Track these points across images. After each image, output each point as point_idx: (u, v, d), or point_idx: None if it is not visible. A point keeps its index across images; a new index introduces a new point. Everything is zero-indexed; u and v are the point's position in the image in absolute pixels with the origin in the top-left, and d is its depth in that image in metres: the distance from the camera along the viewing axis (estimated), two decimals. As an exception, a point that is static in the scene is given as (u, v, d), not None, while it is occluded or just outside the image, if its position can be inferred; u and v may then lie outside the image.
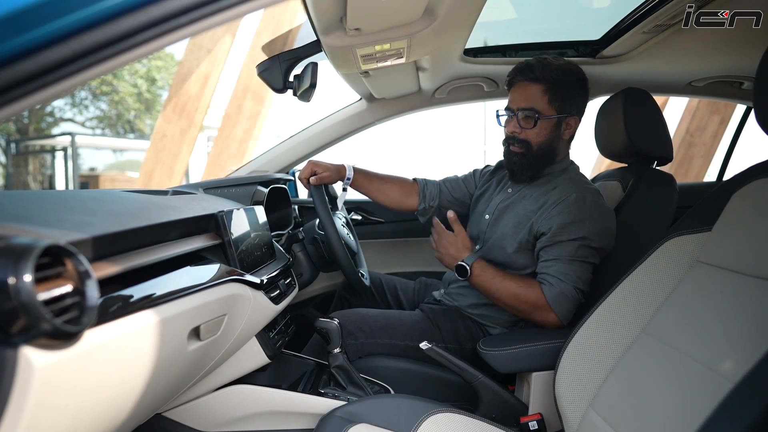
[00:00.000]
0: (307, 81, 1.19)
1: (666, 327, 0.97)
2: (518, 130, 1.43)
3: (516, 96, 1.44)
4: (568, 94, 1.41)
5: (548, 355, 1.23)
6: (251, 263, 1.17)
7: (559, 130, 1.43)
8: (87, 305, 0.57)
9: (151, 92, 15.20)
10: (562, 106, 1.41)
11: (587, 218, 1.33)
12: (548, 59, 1.42)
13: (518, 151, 1.44)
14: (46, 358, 0.53)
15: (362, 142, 2.48)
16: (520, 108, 1.42)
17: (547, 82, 1.39)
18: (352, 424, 1.05)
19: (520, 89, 1.43)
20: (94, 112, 15.68)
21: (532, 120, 1.40)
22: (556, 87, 1.40)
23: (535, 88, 1.40)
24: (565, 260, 1.33)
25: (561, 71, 1.39)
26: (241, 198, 1.48)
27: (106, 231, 0.71)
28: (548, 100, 1.40)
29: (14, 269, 0.50)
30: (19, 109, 0.57)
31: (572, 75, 1.41)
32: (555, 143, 1.44)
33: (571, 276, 1.32)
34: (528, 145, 1.43)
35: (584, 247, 1.33)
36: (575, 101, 1.43)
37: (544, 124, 1.41)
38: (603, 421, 0.99)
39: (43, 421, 0.54)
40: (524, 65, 1.43)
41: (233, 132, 5.04)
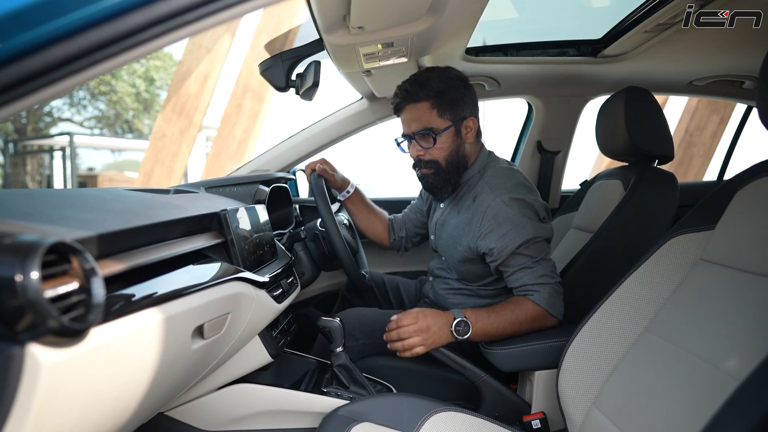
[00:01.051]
0: (310, 80, 1.19)
1: (669, 325, 0.97)
2: (422, 152, 1.39)
3: (406, 119, 1.39)
4: (456, 101, 1.36)
5: (551, 353, 1.23)
6: (254, 262, 1.17)
7: (460, 137, 1.39)
8: (93, 303, 0.57)
9: (149, 92, 15.18)
10: (454, 114, 1.36)
11: (519, 218, 1.29)
12: (422, 74, 1.36)
13: (429, 172, 1.40)
14: (53, 356, 0.53)
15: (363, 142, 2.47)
16: (415, 132, 1.37)
17: (430, 97, 1.34)
18: (356, 422, 1.05)
19: (408, 113, 1.38)
20: (92, 111, 15.66)
21: (430, 138, 1.36)
22: (441, 98, 1.35)
23: (422, 107, 1.35)
24: (530, 265, 1.30)
25: (439, 81, 1.34)
26: (243, 197, 1.48)
27: (111, 229, 0.71)
28: (438, 113, 1.35)
29: (21, 266, 0.50)
30: (18, 109, 0.56)
31: (452, 81, 1.36)
32: (461, 150, 1.40)
33: (546, 275, 1.30)
34: (436, 163, 1.39)
35: (534, 245, 1.30)
36: (465, 103, 1.38)
37: (443, 138, 1.36)
38: (607, 419, 0.99)
39: (50, 418, 0.53)
40: (401, 90, 1.38)
41: (233, 132, 5.03)
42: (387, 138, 1.57)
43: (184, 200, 1.14)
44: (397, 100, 1.38)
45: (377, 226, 1.74)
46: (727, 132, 6.01)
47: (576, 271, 1.46)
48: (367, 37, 1.14)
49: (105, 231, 0.69)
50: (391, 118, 1.99)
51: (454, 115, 1.36)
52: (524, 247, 1.29)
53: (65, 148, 11.80)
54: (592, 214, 1.68)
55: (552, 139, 2.09)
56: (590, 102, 2.04)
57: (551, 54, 1.73)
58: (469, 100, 1.39)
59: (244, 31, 6.94)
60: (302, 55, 1.25)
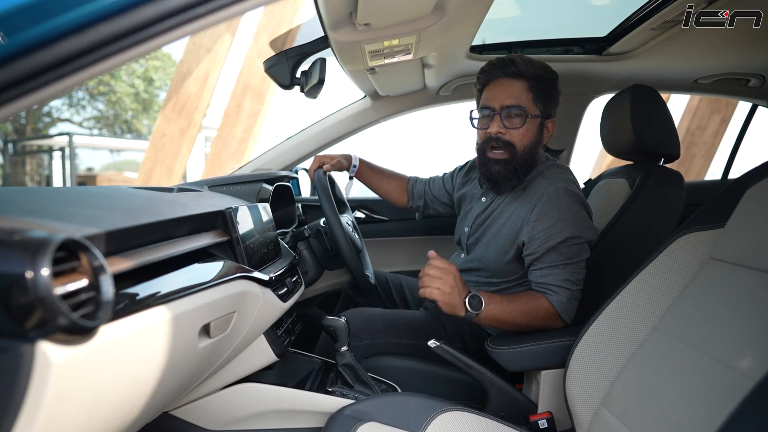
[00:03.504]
0: (315, 77, 1.18)
1: (680, 324, 0.96)
2: (503, 130, 1.30)
3: (497, 93, 1.32)
4: (550, 94, 1.33)
5: (558, 353, 1.22)
6: (258, 261, 1.16)
7: (541, 134, 1.34)
8: (102, 300, 0.57)
9: (148, 92, 15.18)
10: (545, 107, 1.32)
11: (566, 213, 1.26)
12: (522, 56, 1.33)
13: (501, 157, 1.32)
14: (62, 353, 0.52)
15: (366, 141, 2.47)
16: (505, 106, 1.30)
17: (531, 78, 1.30)
18: (361, 422, 1.04)
19: (501, 86, 1.31)
20: (91, 112, 15.66)
21: (518, 119, 1.29)
22: (540, 85, 1.31)
23: (519, 85, 1.30)
24: (561, 266, 1.27)
25: (543, 68, 1.31)
26: (246, 195, 1.47)
27: (119, 226, 0.70)
28: (533, 98, 1.30)
29: (32, 263, 0.49)
30: (18, 108, 0.56)
31: (550, 74, 1.33)
32: (537, 148, 1.35)
33: (572, 280, 1.27)
34: (513, 148, 1.31)
35: (575, 246, 1.26)
36: (555, 103, 1.35)
37: (530, 125, 1.30)
38: (616, 419, 0.98)
39: (60, 417, 0.53)
40: (504, 60, 1.32)
41: (233, 131, 5.02)
42: (391, 136, 1.55)
43: (188, 198, 1.13)
44: (492, 70, 1.32)
45: (394, 190, 1.74)
46: (729, 131, 6.03)
47: (582, 271, 1.45)
48: (373, 35, 1.13)
49: (113, 228, 0.69)
50: (395, 116, 1.99)
51: (544, 108, 1.32)
52: (565, 244, 1.25)
53: (64, 149, 11.79)
54: (597, 213, 1.67)
55: (556, 138, 2.08)
56: (594, 101, 2.04)
57: (555, 52, 1.73)
58: (557, 100, 1.36)
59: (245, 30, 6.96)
60: (307, 53, 1.24)
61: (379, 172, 1.74)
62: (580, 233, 1.26)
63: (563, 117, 2.05)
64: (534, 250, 1.28)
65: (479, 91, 1.38)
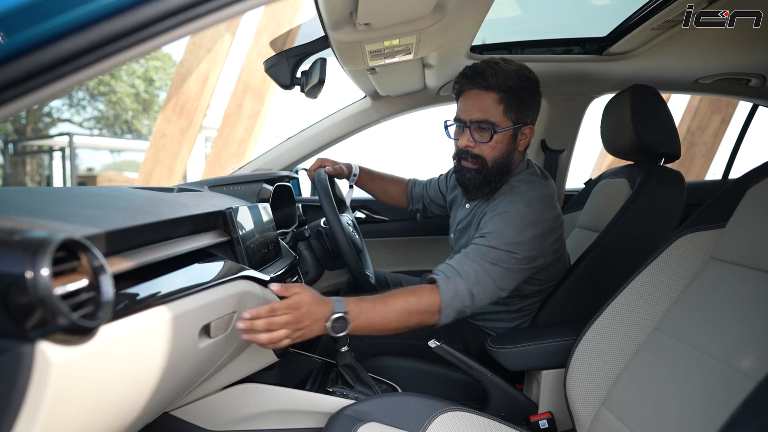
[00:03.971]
0: (316, 77, 1.18)
1: (681, 324, 0.96)
2: (472, 144, 1.30)
3: (467, 105, 1.29)
4: (524, 104, 1.28)
5: (558, 352, 1.22)
6: (258, 261, 1.16)
7: (515, 142, 1.31)
8: (102, 300, 0.57)
9: (148, 92, 15.19)
10: (518, 117, 1.28)
11: (509, 229, 1.22)
12: (499, 63, 1.27)
13: (472, 167, 1.32)
14: (62, 354, 0.52)
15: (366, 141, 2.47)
16: (474, 120, 1.27)
17: (501, 90, 1.25)
18: (362, 422, 1.04)
19: (472, 98, 1.28)
20: (91, 112, 15.67)
21: (487, 133, 1.27)
22: (512, 95, 1.26)
23: (489, 98, 1.26)
24: (472, 256, 1.21)
25: (516, 77, 1.25)
26: (247, 196, 1.47)
27: (119, 226, 0.70)
28: (503, 110, 1.26)
29: (31, 263, 0.49)
30: (18, 108, 0.56)
31: (527, 81, 1.28)
32: (510, 156, 1.32)
33: (475, 277, 1.18)
34: (482, 160, 1.30)
35: (506, 254, 1.20)
36: (531, 109, 1.31)
37: (499, 137, 1.28)
38: (617, 419, 0.98)
39: (60, 417, 0.53)
40: (473, 71, 1.27)
41: (233, 131, 5.02)
42: (391, 137, 1.54)
43: (189, 198, 1.13)
44: (464, 81, 1.28)
45: (395, 194, 1.76)
46: (729, 132, 6.03)
47: (582, 271, 1.45)
48: (374, 35, 1.13)
49: (113, 228, 0.68)
50: (396, 116, 1.98)
51: (517, 118, 1.28)
52: (493, 248, 1.20)
53: (65, 149, 11.80)
54: (597, 213, 1.67)
55: (556, 138, 2.08)
56: (594, 101, 2.04)
57: (556, 52, 1.73)
58: (535, 107, 1.32)
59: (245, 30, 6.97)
60: (307, 53, 1.24)
61: (379, 179, 1.74)
62: (515, 249, 1.20)
63: (564, 117, 2.05)
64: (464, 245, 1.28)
65: (455, 100, 1.35)
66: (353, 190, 1.67)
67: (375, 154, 14.02)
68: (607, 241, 1.47)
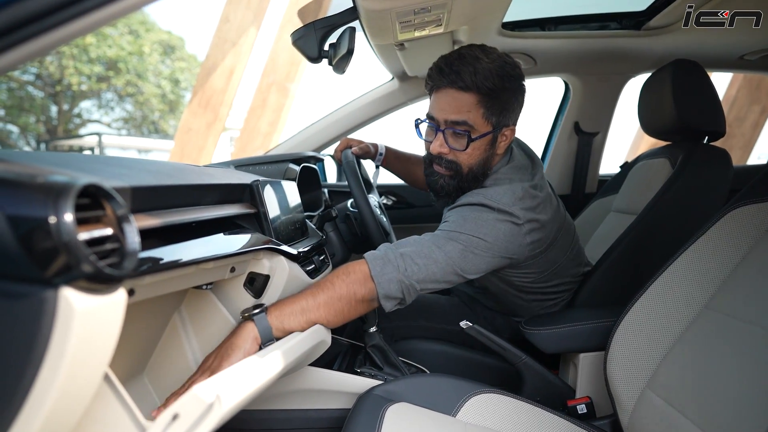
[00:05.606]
0: (344, 47, 1.14)
1: (736, 301, 0.90)
2: (446, 150, 1.16)
3: (441, 105, 1.14)
4: (507, 105, 1.14)
5: (597, 334, 1.16)
6: (285, 237, 1.13)
7: (494, 147, 1.18)
8: (128, 250, 0.54)
9: (174, 93, 15.45)
10: (499, 120, 1.14)
11: (462, 221, 1.11)
12: (480, 59, 1.10)
13: (445, 173, 1.19)
14: (86, 302, 0.49)
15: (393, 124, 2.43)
16: (449, 122, 1.13)
17: (481, 91, 1.10)
18: (392, 402, 1.01)
19: (447, 97, 1.13)
20: (119, 113, 16.03)
21: (463, 139, 1.13)
22: (493, 98, 1.11)
23: (467, 99, 1.11)
24: (417, 239, 1.12)
25: (497, 77, 1.09)
26: (273, 175, 1.45)
27: (145, 183, 0.68)
28: (483, 114, 1.12)
29: (54, 207, 0.47)
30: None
31: (510, 80, 1.12)
32: (489, 161, 1.19)
33: (413, 255, 1.06)
34: (457, 167, 1.17)
35: (462, 235, 1.09)
36: (513, 110, 1.17)
37: (477, 144, 1.14)
38: (663, 401, 0.92)
39: (83, 367, 0.50)
40: (449, 66, 1.11)
41: (257, 125, 5.05)
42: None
43: (215, 171, 1.11)
44: (439, 78, 1.13)
45: (419, 176, 1.66)
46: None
47: (620, 254, 1.38)
48: (404, 1, 1.09)
49: (138, 184, 0.66)
50: (424, 98, 1.94)
51: (498, 121, 1.14)
52: (450, 231, 1.09)
53: (94, 149, 12.09)
54: (635, 196, 1.60)
55: (590, 120, 2.01)
56: (632, 80, 1.96)
57: (591, 28, 1.66)
58: (518, 107, 1.18)
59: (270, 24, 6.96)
60: (335, 25, 1.21)
61: (405, 159, 1.69)
62: (478, 235, 1.09)
63: (598, 98, 1.98)
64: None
65: (428, 95, 1.21)
66: (379, 171, 1.63)
67: (402, 137, 13.98)
68: (646, 223, 1.40)
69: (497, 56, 1.12)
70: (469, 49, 1.12)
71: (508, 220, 1.11)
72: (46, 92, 14.05)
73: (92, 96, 15.04)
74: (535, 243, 1.16)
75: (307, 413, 1.13)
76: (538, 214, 1.15)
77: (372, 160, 1.62)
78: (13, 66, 0.54)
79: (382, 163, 1.64)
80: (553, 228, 1.20)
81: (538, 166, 1.28)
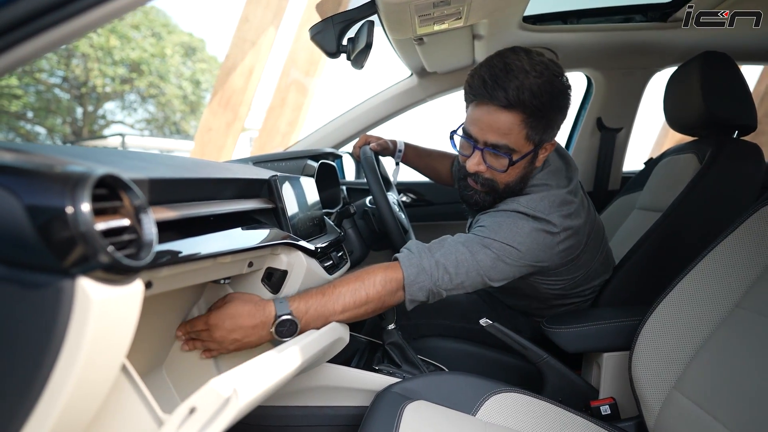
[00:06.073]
0: (363, 41, 1.13)
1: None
2: (483, 168, 1.10)
3: (481, 124, 1.06)
4: (552, 123, 1.07)
5: (621, 333, 1.13)
6: (303, 233, 1.13)
7: (533, 162, 1.13)
8: (144, 240, 0.54)
9: (195, 94, 15.66)
10: (542, 137, 1.08)
11: (509, 220, 1.09)
12: (528, 72, 1.00)
13: (480, 190, 1.15)
14: (103, 292, 0.49)
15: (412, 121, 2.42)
16: (489, 143, 1.07)
17: (526, 111, 1.02)
18: (410, 400, 0.99)
19: (487, 116, 1.04)
20: (142, 114, 16.30)
21: (504, 160, 1.07)
22: (539, 117, 1.03)
23: (512, 119, 1.03)
24: (449, 240, 1.09)
25: (546, 94, 1.01)
26: (292, 171, 1.44)
27: (162, 175, 0.68)
28: (526, 134, 1.05)
29: (71, 197, 0.47)
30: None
31: (559, 97, 1.04)
32: (527, 177, 1.14)
33: (444, 260, 1.04)
34: (493, 186, 1.13)
35: (497, 243, 1.06)
36: (557, 125, 1.10)
37: (517, 165, 1.09)
38: (692, 403, 0.89)
39: (100, 358, 0.50)
40: (492, 77, 1.01)
41: (277, 124, 5.07)
42: (436, 116, 1.46)
43: (233, 166, 1.11)
44: (481, 91, 1.03)
45: (441, 171, 1.66)
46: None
47: (645, 252, 1.35)
48: (423, -7, 1.07)
49: (155, 176, 0.66)
50: (443, 94, 1.92)
51: (541, 139, 1.08)
52: (485, 237, 1.06)
53: (117, 149, 12.29)
54: (660, 192, 1.56)
55: (613, 116, 1.96)
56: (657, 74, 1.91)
57: (615, 21, 1.62)
58: (562, 121, 1.10)
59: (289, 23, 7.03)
60: (354, 19, 1.20)
61: (425, 155, 1.67)
62: (512, 244, 1.06)
63: (622, 93, 1.94)
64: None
65: (466, 106, 1.13)
66: (399, 168, 1.62)
67: (422, 134, 13.88)
68: (673, 219, 1.36)
69: (545, 68, 1.02)
70: (516, 59, 1.02)
71: (544, 229, 1.08)
72: (72, 94, 14.36)
73: (116, 97, 15.33)
74: (568, 250, 1.13)
75: (324, 410, 1.13)
76: (573, 220, 1.12)
77: (391, 156, 1.61)
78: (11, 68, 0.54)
79: (402, 160, 1.63)
80: (585, 232, 1.17)
81: (573, 169, 1.24)
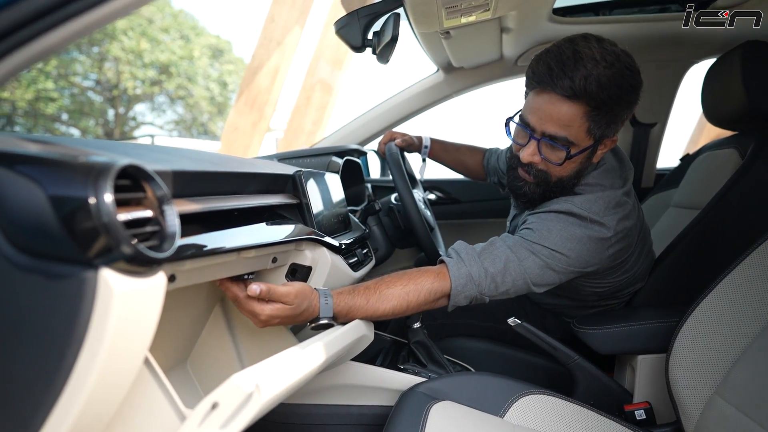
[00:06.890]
0: (388, 34, 1.11)
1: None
2: (538, 160, 1.05)
3: (541, 113, 1.00)
4: (616, 117, 1.00)
5: (658, 335, 1.08)
6: (328, 230, 1.11)
7: (591, 158, 1.06)
8: (167, 232, 0.53)
9: (222, 95, 15.90)
10: (603, 132, 1.01)
11: (550, 233, 1.03)
12: (598, 62, 0.93)
13: (531, 181, 1.09)
14: (126, 284, 0.48)
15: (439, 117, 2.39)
16: (547, 134, 1.01)
17: (591, 103, 0.95)
18: (436, 400, 0.97)
19: (549, 105, 0.98)
20: (171, 115, 16.63)
21: (561, 153, 1.01)
22: (604, 110, 0.97)
23: (572, 110, 0.96)
24: (497, 242, 1.05)
25: (615, 87, 0.94)
26: (317, 168, 1.43)
27: (186, 168, 0.67)
28: (588, 127, 0.99)
29: (94, 188, 0.46)
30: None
31: (628, 91, 0.97)
32: (581, 172, 1.08)
33: (493, 266, 1.01)
34: (546, 177, 1.07)
35: (544, 249, 1.01)
36: (622, 119, 1.02)
37: (575, 159, 1.03)
38: (735, 409, 0.85)
39: (123, 350, 0.49)
40: (558, 63, 0.95)
41: (302, 123, 5.10)
42: (461, 112, 1.43)
43: (258, 161, 1.11)
44: (546, 78, 0.97)
45: (472, 165, 1.62)
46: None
47: (682, 251, 1.29)
48: (450, -16, 1.05)
49: (180, 169, 0.65)
50: (470, 90, 1.89)
51: (602, 135, 1.01)
52: (534, 242, 1.02)
53: (147, 149, 12.58)
54: (698, 189, 1.49)
55: (647, 111, 1.89)
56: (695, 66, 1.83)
57: (650, 11, 1.55)
58: (627, 117, 1.04)
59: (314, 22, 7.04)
60: (379, 12, 1.17)
61: (453, 149, 1.64)
62: (560, 250, 1.02)
63: (656, 86, 1.87)
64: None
65: (525, 93, 1.08)
66: (426, 164, 1.60)
67: (449, 130, 13.75)
68: (711, 217, 1.30)
69: (617, 59, 0.95)
70: (587, 46, 0.95)
71: (597, 233, 1.03)
72: (104, 96, 14.75)
73: (146, 99, 15.68)
74: (619, 252, 1.08)
75: (348, 409, 1.11)
76: (626, 222, 1.07)
77: (417, 152, 1.59)
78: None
79: (429, 155, 1.60)
80: (635, 232, 1.12)
81: (628, 169, 1.18)
